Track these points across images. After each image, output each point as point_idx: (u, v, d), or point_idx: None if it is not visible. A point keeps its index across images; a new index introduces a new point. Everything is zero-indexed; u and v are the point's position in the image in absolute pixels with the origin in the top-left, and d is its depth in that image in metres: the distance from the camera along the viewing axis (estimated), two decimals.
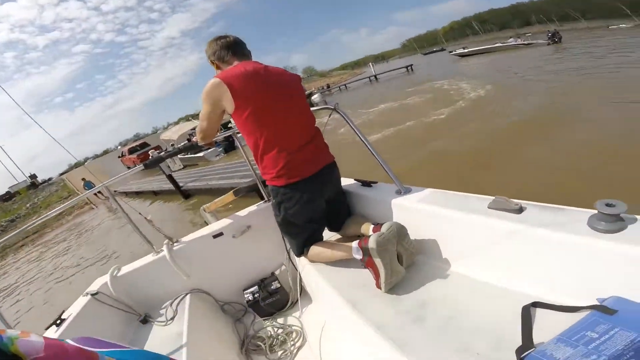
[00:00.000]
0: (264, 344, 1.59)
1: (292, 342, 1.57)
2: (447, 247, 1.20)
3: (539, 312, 0.82)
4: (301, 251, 1.55)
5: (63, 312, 1.54)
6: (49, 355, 0.41)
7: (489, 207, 1.03)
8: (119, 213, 1.85)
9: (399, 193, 1.40)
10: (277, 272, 1.91)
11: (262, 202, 2.02)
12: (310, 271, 1.51)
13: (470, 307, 0.97)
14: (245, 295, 1.81)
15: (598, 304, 0.70)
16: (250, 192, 4.43)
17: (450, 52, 32.58)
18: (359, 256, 1.23)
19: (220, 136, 1.76)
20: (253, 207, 1.96)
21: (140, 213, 1.92)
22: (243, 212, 1.93)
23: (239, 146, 2.12)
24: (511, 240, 0.94)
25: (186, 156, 10.54)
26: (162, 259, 1.74)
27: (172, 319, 1.58)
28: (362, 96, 21.02)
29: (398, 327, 0.98)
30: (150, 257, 1.80)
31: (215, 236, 1.85)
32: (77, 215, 15.41)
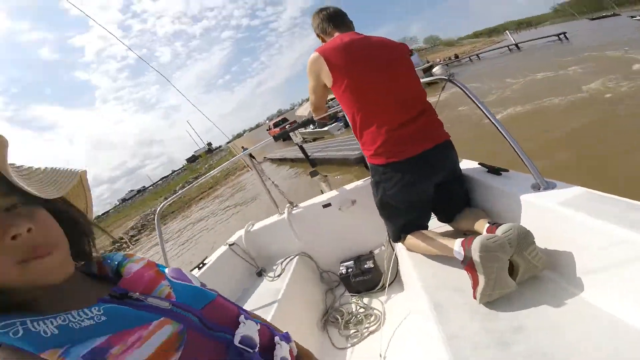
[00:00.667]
0: (342, 318, 1.60)
1: (367, 325, 1.54)
2: (584, 267, 0.86)
3: None
4: (398, 237, 1.39)
5: (206, 257, 1.97)
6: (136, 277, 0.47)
7: None
8: (266, 173, 2.26)
9: (536, 188, 1.04)
10: (375, 252, 1.86)
11: (368, 177, 1.93)
12: (406, 259, 1.36)
13: (582, 344, 0.72)
14: (340, 268, 1.82)
15: None
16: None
17: (633, 17, 23.03)
18: (460, 257, 1.00)
19: (338, 109, 1.74)
20: (360, 182, 1.92)
21: (269, 178, 2.20)
22: (350, 186, 1.94)
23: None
24: None
25: (315, 130, 11.95)
26: (283, 220, 1.96)
27: (279, 276, 1.77)
28: (498, 68, 16.98)
29: (473, 346, 0.80)
30: (275, 217, 2.07)
31: (324, 206, 1.93)
32: (239, 175, 19.42)
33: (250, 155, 2.13)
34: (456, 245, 1.02)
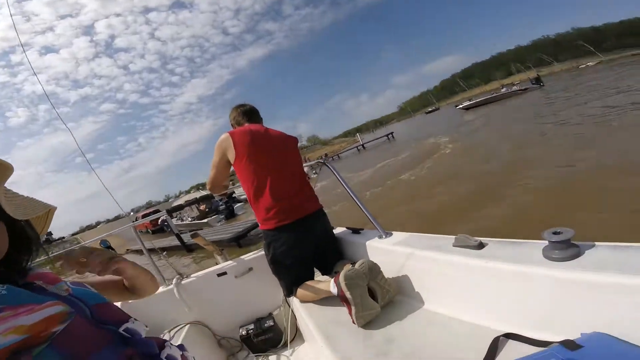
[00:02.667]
0: None
1: None
2: (420, 285, 1.23)
3: (509, 344, 0.82)
4: (290, 291, 1.62)
5: None
6: None
7: (453, 245, 1.08)
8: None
9: (380, 237, 1.50)
10: (274, 313, 1.95)
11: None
12: (301, 311, 1.55)
13: (436, 342, 0.98)
14: (240, 331, 1.85)
15: (567, 339, 0.68)
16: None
17: (457, 106, 35.32)
18: (335, 291, 1.29)
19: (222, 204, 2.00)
20: (257, 252, 2.07)
21: (158, 249, 2.15)
22: (247, 256, 2.05)
23: (237, 213, 2.37)
24: (474, 275, 0.97)
25: (193, 222, 13.39)
26: (170, 291, 1.88)
27: None
28: (351, 164, 23.18)
29: None
30: (160, 288, 1.93)
31: (219, 274, 1.97)
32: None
33: (110, 247, 2.07)
34: (331, 284, 1.32)
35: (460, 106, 33.24)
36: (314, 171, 1.84)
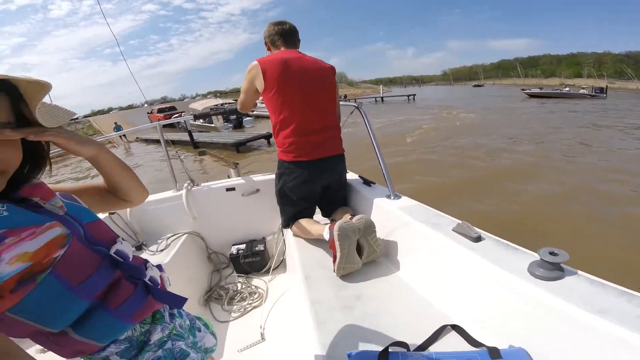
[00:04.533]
0: (227, 295, 1.71)
1: (250, 301, 1.67)
2: (406, 255, 1.25)
3: (451, 335, 0.88)
4: (287, 224, 1.66)
5: None
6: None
7: (452, 230, 1.06)
8: (132, 153, 2.12)
9: (388, 197, 1.47)
10: (268, 238, 2.04)
11: (273, 172, 2.14)
12: (292, 244, 1.61)
13: (397, 311, 1.03)
14: (231, 249, 1.95)
15: (494, 346, 0.75)
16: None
17: (523, 89, 32.94)
18: (327, 237, 1.31)
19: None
20: (266, 175, 2.07)
21: (177, 152, 2.13)
22: (257, 177, 2.06)
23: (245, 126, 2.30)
24: (459, 264, 0.97)
25: (203, 124, 14.85)
26: (178, 197, 1.92)
27: (161, 251, 1.72)
28: (369, 111, 23.72)
29: (328, 308, 1.06)
30: (169, 193, 2.00)
31: (228, 189, 2.00)
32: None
33: (124, 135, 2.10)
34: (325, 230, 1.35)
35: (527, 91, 31.18)
36: (346, 118, 1.76)
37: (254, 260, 1.90)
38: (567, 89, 29.35)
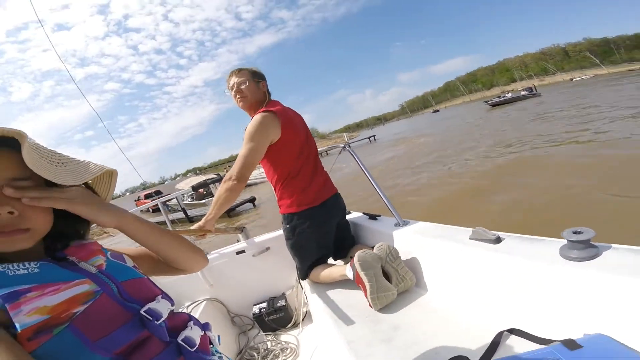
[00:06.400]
0: (258, 354, 1.67)
1: (284, 357, 1.62)
2: (431, 275, 1.29)
3: (512, 340, 0.85)
4: (305, 274, 1.68)
5: None
6: None
7: (470, 238, 1.12)
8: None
9: (397, 225, 1.55)
10: (287, 293, 2.03)
11: (280, 230, 2.22)
12: (314, 294, 1.62)
13: (440, 333, 1.02)
14: (253, 309, 1.92)
15: (568, 338, 0.69)
16: None
17: (486, 101, 39.64)
18: (351, 275, 1.34)
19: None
20: (275, 232, 2.14)
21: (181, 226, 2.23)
22: (265, 236, 2.12)
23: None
24: (489, 269, 1.00)
25: (192, 202, 15.71)
26: None
27: None
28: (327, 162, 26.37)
29: (367, 344, 1.07)
30: None
31: (238, 252, 2.04)
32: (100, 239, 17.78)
33: None
34: (347, 268, 1.37)
35: (489, 102, 37.86)
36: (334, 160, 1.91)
37: (278, 316, 1.87)
38: (510, 94, 36.19)
